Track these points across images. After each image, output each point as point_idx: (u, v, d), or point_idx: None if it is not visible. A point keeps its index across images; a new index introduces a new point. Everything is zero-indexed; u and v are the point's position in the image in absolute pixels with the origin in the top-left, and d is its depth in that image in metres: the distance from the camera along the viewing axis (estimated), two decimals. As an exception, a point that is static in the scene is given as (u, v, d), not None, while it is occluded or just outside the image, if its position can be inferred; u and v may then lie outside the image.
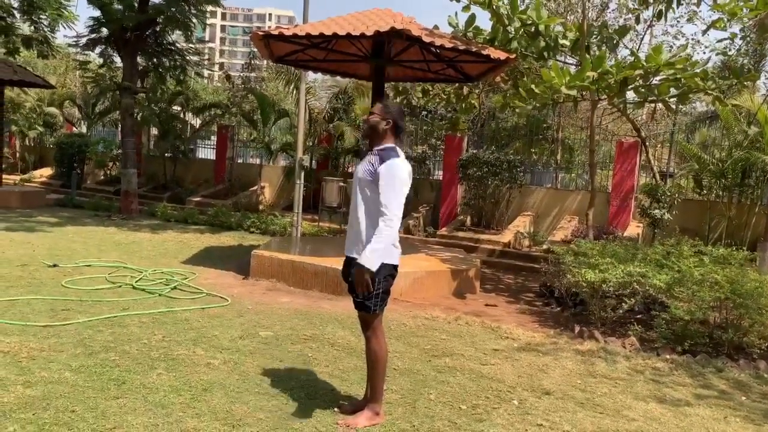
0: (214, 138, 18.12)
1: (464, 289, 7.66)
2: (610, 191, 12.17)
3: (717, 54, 10.39)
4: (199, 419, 3.52)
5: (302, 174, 10.59)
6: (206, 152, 18.92)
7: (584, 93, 7.59)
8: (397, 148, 3.59)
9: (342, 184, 11.42)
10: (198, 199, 15.15)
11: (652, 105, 11.27)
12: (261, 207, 14.92)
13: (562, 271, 7.01)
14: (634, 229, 11.44)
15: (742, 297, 5.32)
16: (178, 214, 12.92)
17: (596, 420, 3.92)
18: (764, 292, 5.36)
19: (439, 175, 14.83)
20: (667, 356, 5.41)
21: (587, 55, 6.91)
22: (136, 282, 6.90)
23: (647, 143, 11.76)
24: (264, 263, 7.62)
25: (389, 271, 3.57)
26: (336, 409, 3.76)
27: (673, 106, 11.20)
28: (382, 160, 3.48)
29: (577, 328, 6.14)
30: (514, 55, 7.58)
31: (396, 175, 3.41)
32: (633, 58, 6.89)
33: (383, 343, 3.65)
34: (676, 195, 10.49)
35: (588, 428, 3.77)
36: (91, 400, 3.68)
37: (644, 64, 6.72)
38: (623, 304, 6.11)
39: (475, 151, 12.73)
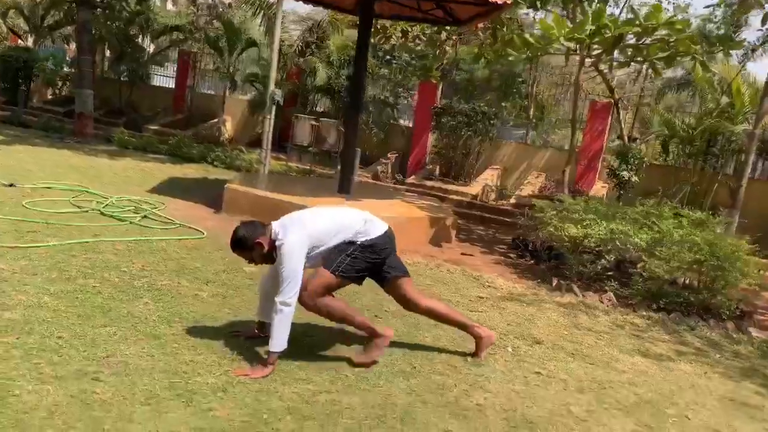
0: (172, 64, 17.27)
1: (441, 238, 7.62)
2: (579, 151, 12.30)
3: (703, 20, 10.39)
4: (196, 352, 3.36)
5: (273, 109, 10.18)
6: (164, 79, 18.00)
7: (576, 47, 7.48)
8: (274, 234, 3.39)
9: (314, 122, 11.08)
10: (156, 127, 14.48)
11: (636, 66, 11.32)
12: (222, 141, 14.40)
13: (540, 225, 7.06)
14: (600, 189, 11.65)
15: (720, 260, 5.46)
16: (137, 142, 12.30)
17: (589, 370, 3.98)
18: (741, 255, 5.53)
19: (402, 121, 14.62)
20: (644, 313, 5.55)
21: (587, 8, 6.77)
22: (103, 207, 6.54)
23: (619, 105, 11.84)
24: (238, 198, 7.35)
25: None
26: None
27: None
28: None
29: (554, 281, 6.22)
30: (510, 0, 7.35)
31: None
32: (630, 15, 6.79)
33: (332, 305, 3.54)
34: (645, 158, 10.67)
35: (583, 378, 3.83)
36: (77, 326, 3.45)
37: (642, 21, 6.64)
38: (601, 260, 6.21)
39: (450, 101, 12.55)
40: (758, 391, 4.06)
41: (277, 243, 3.33)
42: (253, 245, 3.38)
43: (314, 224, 3.46)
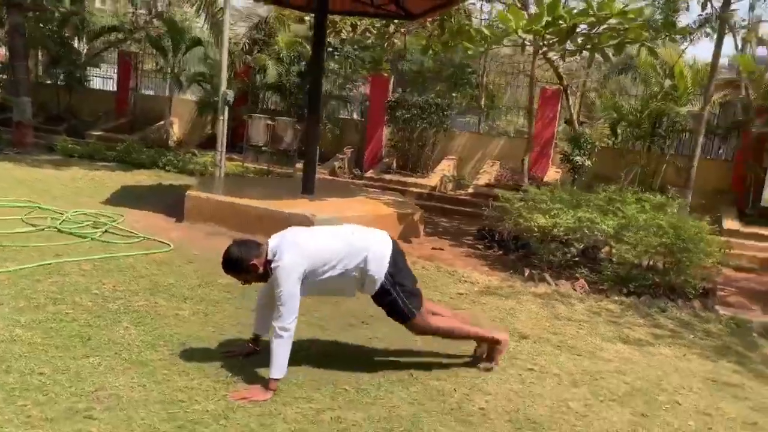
0: (111, 66, 16.60)
1: (410, 233, 7.62)
2: (533, 138, 12.50)
3: (647, 6, 10.69)
4: (188, 377, 3.24)
5: (226, 109, 9.92)
6: (104, 82, 17.28)
7: (532, 38, 7.57)
8: (270, 254, 3.29)
9: (269, 122, 10.85)
10: (99, 133, 13.89)
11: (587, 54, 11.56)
12: (171, 144, 13.96)
13: (507, 216, 7.14)
14: (554, 174, 11.88)
15: (685, 241, 5.66)
16: (82, 150, 11.77)
17: (577, 362, 4.05)
18: (704, 236, 5.74)
19: (355, 116, 14.51)
20: (616, 298, 5.70)
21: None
22: (60, 224, 6.23)
23: (568, 92, 12.09)
24: (201, 205, 7.13)
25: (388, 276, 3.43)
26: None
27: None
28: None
29: (526, 272, 6.30)
30: (464, -6, 7.38)
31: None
32: (584, 6, 6.92)
33: (442, 323, 3.68)
34: (597, 143, 10.94)
35: (573, 371, 3.89)
36: (58, 359, 3.27)
37: (596, 11, 6.77)
38: (571, 248, 6.34)
39: (402, 94, 12.53)
40: (735, 370, 4.23)
41: (273, 264, 3.22)
42: (248, 267, 3.25)
43: (314, 246, 3.35)
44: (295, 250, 3.24)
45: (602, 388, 3.65)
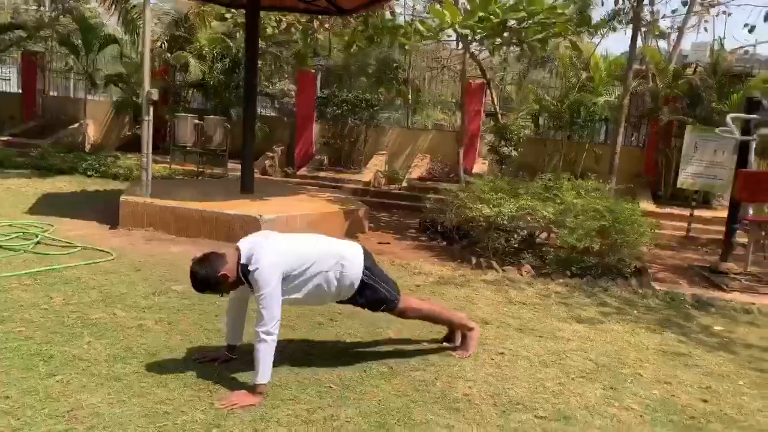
0: (8, 67, 15.54)
1: (355, 229, 7.64)
2: (459, 131, 12.81)
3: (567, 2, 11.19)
4: (168, 388, 3.12)
5: (150, 109, 9.51)
6: (3, 84, 16.12)
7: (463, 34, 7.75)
8: (244, 258, 3.18)
9: (197, 121, 10.51)
10: (6, 138, 12.98)
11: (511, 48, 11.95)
12: (87, 148, 13.24)
13: (450, 207, 7.31)
14: (481, 166, 12.24)
15: (621, 223, 6.01)
16: (-11, 157, 10.95)
17: (542, 343, 4.23)
18: (638, 218, 6.12)
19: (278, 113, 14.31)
20: (561, 280, 5.97)
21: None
22: (-15, 238, 5.80)
23: (490, 85, 12.47)
24: (137, 210, 6.84)
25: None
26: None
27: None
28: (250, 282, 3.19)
29: (473, 260, 6.49)
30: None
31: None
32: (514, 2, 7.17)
33: (424, 304, 3.92)
34: (522, 134, 11.37)
35: (540, 352, 4.06)
36: (22, 381, 3.07)
37: (526, 6, 7.04)
38: (515, 235, 6.58)
39: (332, 90, 12.49)
40: (680, 340, 4.55)
41: (250, 267, 3.14)
42: (218, 280, 3.15)
43: (289, 246, 3.31)
44: (271, 251, 3.19)
45: (570, 367, 3.84)
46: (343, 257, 3.41)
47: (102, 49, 12.81)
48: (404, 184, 11.58)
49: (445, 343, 4.01)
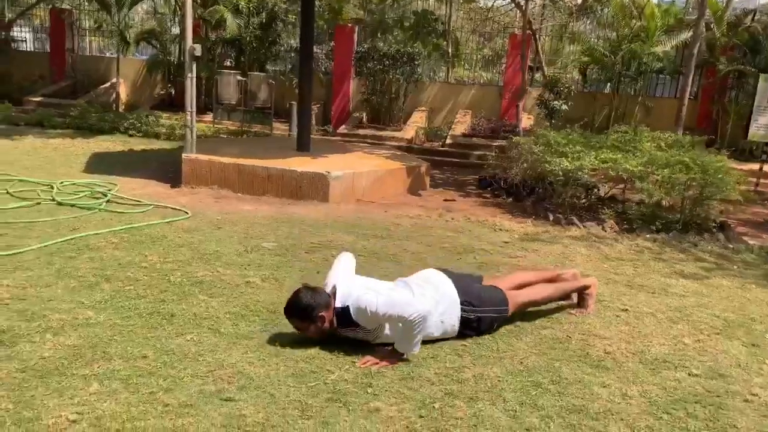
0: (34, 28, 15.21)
1: (417, 187, 7.42)
2: (503, 85, 12.46)
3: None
4: (303, 347, 2.97)
5: (194, 66, 9.24)
6: (34, 44, 15.83)
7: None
8: (337, 303, 2.97)
9: (240, 77, 10.22)
10: (38, 99, 12.76)
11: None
12: (121, 108, 13.02)
13: (517, 162, 7.07)
14: (526, 121, 11.90)
15: (711, 176, 5.75)
16: (28, 117, 10.77)
17: (659, 300, 4.04)
18: (728, 170, 5.86)
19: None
20: (647, 236, 5.75)
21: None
22: (55, 194, 5.65)
23: (537, 37, 12.04)
24: (201, 168, 6.65)
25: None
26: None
27: None
28: (349, 323, 2.96)
29: (551, 216, 6.28)
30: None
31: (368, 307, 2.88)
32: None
33: (533, 292, 3.53)
34: (572, 87, 11.01)
35: (662, 308, 3.87)
36: (154, 340, 2.94)
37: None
38: (595, 189, 6.34)
39: (372, 44, 12.11)
40: (796, 295, 4.35)
41: (348, 303, 2.93)
42: (316, 317, 2.93)
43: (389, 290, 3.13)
44: (370, 292, 2.99)
45: (700, 323, 3.65)
46: (439, 303, 3.12)
47: (134, 4, 12.46)
48: (448, 140, 11.28)
49: (561, 302, 3.82)
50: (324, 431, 2.32)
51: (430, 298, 3.10)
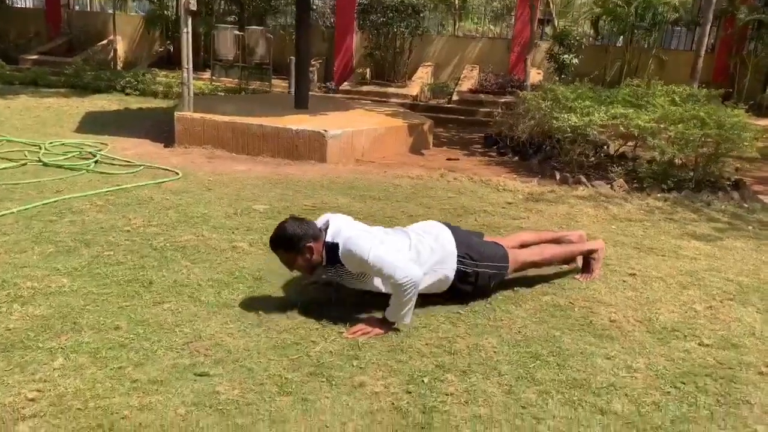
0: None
1: (419, 145, 7.16)
2: (512, 39, 12.00)
3: None
4: (287, 316, 2.80)
5: (189, 21, 8.89)
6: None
7: None
8: (328, 238, 2.80)
9: (237, 32, 9.87)
10: (34, 56, 12.48)
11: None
12: (119, 65, 12.72)
13: (523, 118, 6.78)
14: (535, 75, 11.49)
15: (727, 131, 5.46)
16: (23, 75, 10.51)
17: (668, 263, 3.82)
18: (745, 124, 5.55)
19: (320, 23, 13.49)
20: (658, 195, 5.50)
21: None
22: (42, 155, 5.45)
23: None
24: (194, 127, 6.42)
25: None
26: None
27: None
28: (335, 261, 2.79)
29: (558, 175, 6.02)
30: None
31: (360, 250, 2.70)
32: None
33: (535, 252, 3.33)
34: (583, 40, 10.57)
35: (672, 272, 3.66)
36: (128, 309, 2.77)
37: None
38: (604, 147, 6.06)
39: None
40: (815, 257, 4.12)
41: (337, 240, 2.76)
42: (304, 248, 2.74)
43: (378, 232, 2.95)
44: (365, 235, 2.80)
45: (712, 288, 3.45)
46: (435, 251, 2.95)
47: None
48: (455, 97, 10.93)
49: (563, 266, 3.62)
50: (303, 408, 2.15)
51: (427, 248, 2.91)
